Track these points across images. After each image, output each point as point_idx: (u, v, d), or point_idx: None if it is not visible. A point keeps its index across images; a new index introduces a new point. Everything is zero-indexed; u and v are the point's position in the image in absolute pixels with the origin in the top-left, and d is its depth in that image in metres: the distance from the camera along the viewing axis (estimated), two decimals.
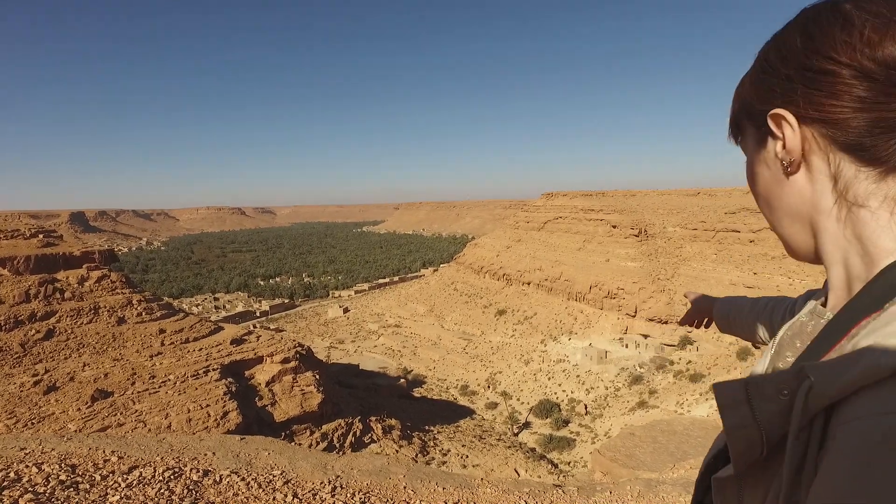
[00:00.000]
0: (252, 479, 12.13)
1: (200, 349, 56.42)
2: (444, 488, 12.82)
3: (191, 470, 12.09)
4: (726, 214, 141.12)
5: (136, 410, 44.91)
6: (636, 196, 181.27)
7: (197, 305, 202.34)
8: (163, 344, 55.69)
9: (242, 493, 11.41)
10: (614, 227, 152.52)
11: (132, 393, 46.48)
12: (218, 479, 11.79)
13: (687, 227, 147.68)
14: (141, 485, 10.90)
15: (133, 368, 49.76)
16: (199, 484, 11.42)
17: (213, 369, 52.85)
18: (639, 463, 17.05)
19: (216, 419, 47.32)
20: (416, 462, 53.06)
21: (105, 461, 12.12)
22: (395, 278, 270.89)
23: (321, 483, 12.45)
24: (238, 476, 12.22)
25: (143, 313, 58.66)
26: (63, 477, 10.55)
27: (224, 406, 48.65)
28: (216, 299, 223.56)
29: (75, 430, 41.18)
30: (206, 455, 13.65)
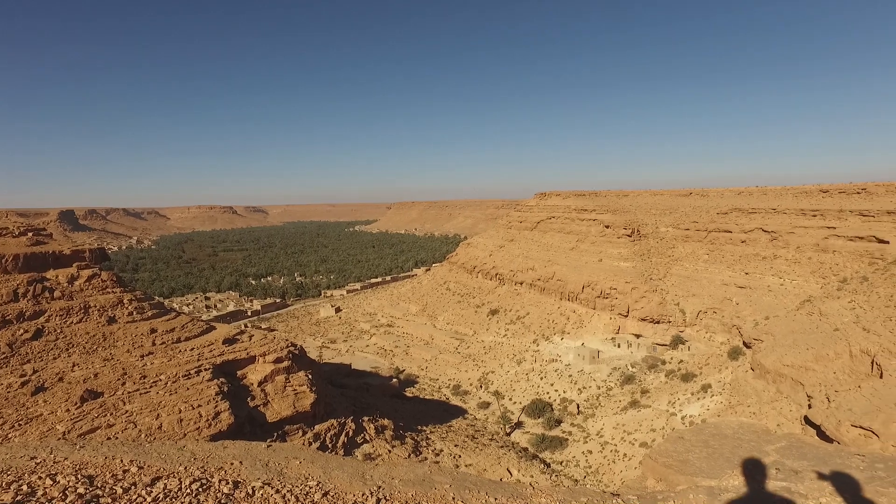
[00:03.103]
0: (287, 492, 11.28)
1: (192, 349, 55.79)
2: (495, 499, 12.10)
3: (219, 481, 11.30)
4: (718, 215, 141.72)
5: (127, 411, 44.31)
6: (629, 196, 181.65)
7: (188, 304, 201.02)
8: (154, 344, 55.03)
9: None
10: (607, 227, 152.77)
11: (122, 393, 45.85)
12: (251, 492, 10.98)
13: (679, 227, 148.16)
14: (168, 498, 10.09)
15: (124, 368, 49.12)
16: (230, 497, 10.56)
17: (205, 369, 52.27)
18: (695, 469, 16.46)
19: (208, 420, 46.79)
20: (441, 466, 52.67)
21: (124, 471, 11.41)
22: (388, 278, 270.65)
23: (363, 495, 11.61)
24: (272, 488, 11.37)
25: (134, 313, 57.95)
26: (81, 490, 9.76)
27: (216, 406, 48.11)
28: (207, 298, 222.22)
29: (64, 432, 40.58)
30: (232, 464, 12.89)
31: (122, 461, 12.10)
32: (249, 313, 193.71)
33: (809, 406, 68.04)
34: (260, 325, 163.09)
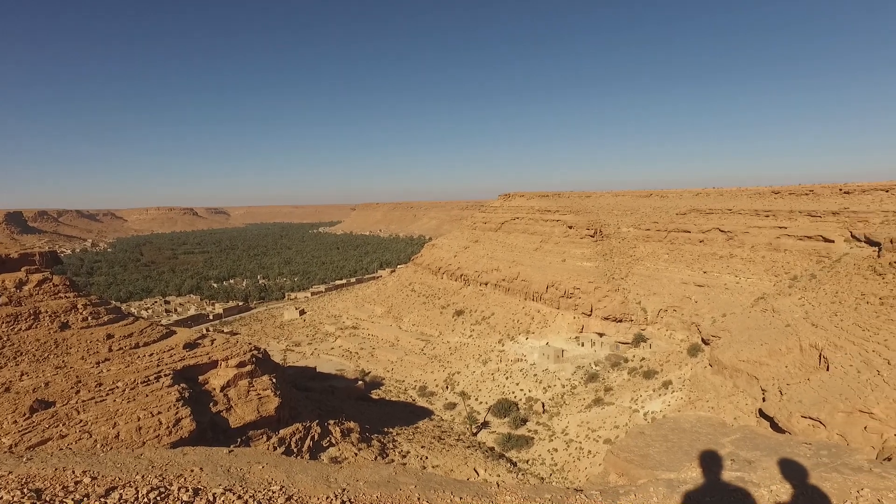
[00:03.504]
0: (250, 497, 11.03)
1: (151, 354, 54.20)
2: (460, 498, 12.09)
3: (179, 489, 10.95)
4: (677, 215, 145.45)
5: (81, 420, 42.77)
6: (591, 197, 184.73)
7: (147, 309, 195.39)
8: (111, 350, 53.24)
9: None
10: (570, 227, 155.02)
11: (77, 402, 44.23)
12: (211, 499, 10.69)
13: (640, 227, 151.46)
14: None
15: (77, 376, 47.39)
16: None
17: (165, 375, 50.85)
18: (655, 463, 16.87)
19: (168, 427, 45.55)
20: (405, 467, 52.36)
21: (76, 483, 10.88)
22: (353, 279, 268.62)
23: (327, 498, 11.52)
24: (233, 494, 11.10)
25: (89, 318, 55.97)
26: None
27: (177, 413, 46.87)
28: (167, 302, 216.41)
29: (11, 445, 38.93)
30: (192, 471, 12.48)
31: (73, 472, 11.55)
32: (211, 317, 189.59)
33: (764, 399, 70.53)
34: (222, 329, 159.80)
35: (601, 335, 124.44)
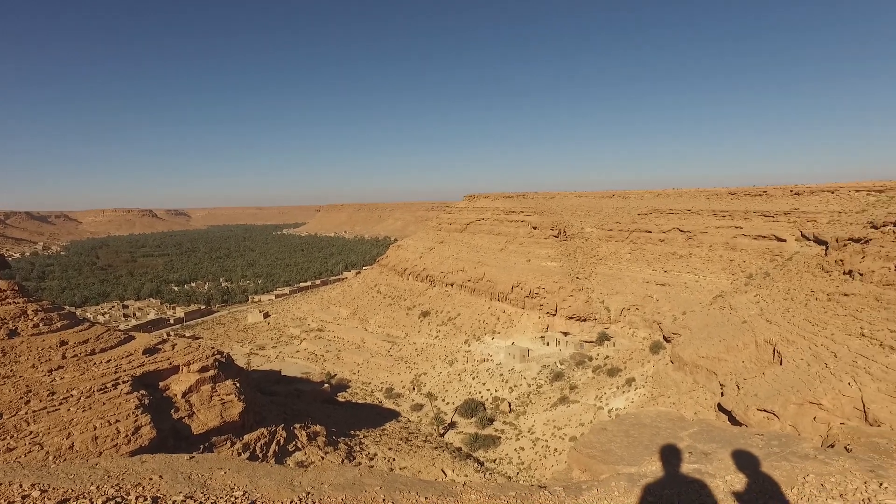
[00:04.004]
0: None
1: (108, 361, 52.45)
2: (426, 497, 12.13)
3: (136, 498, 10.61)
4: (639, 216, 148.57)
5: (31, 432, 41.13)
6: (555, 198, 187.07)
7: (103, 314, 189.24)
8: (64, 357, 51.32)
9: None
10: (535, 228, 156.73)
11: (26, 413, 42.48)
12: None
13: (603, 227, 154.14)
14: None
15: (28, 385, 45.54)
16: None
17: (123, 382, 49.30)
18: (617, 458, 17.27)
19: (127, 436, 44.19)
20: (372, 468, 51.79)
21: (24, 497, 10.39)
22: (318, 281, 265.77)
23: (291, 502, 11.44)
24: (194, 501, 10.92)
25: (41, 324, 53.82)
26: None
27: (136, 421, 45.52)
28: (125, 307, 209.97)
29: None
30: (151, 479, 12.08)
31: (21, 486, 10.98)
32: (172, 321, 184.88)
33: (722, 394, 72.75)
34: (184, 334, 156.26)
35: (566, 334, 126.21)
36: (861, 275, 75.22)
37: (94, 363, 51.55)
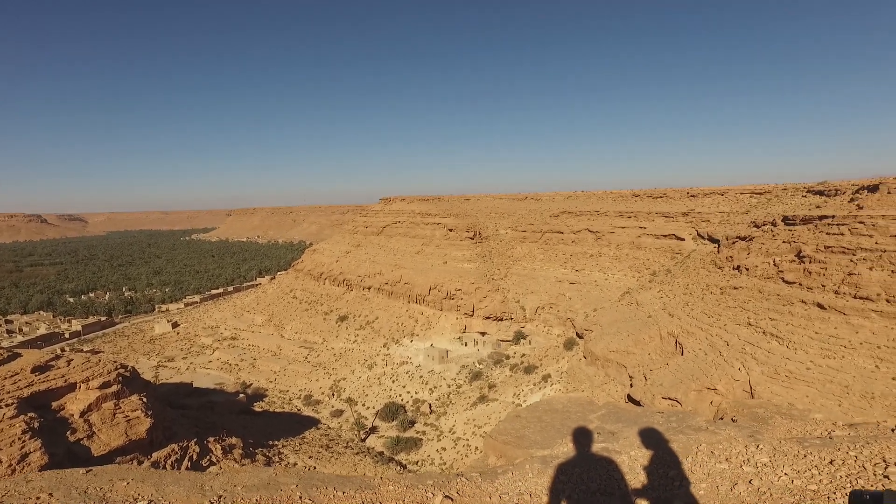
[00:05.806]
0: None
1: None
2: (343, 492, 11.88)
3: None
4: (551, 217, 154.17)
5: None
6: (470, 200, 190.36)
7: None
8: None
9: None
10: (451, 230, 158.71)
11: None
12: None
13: (517, 229, 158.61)
14: None
15: None
16: None
17: (8, 405, 44.96)
18: (531, 442, 17.82)
19: (11, 465, 40.24)
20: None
21: None
22: (230, 288, 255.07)
23: None
24: None
25: None
26: None
27: (22, 447, 41.59)
28: (10, 322, 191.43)
29: None
30: (39, 498, 11.08)
31: None
32: (68, 335, 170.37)
33: (631, 385, 76.96)
34: (82, 348, 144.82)
35: (483, 334, 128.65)
36: (747, 269, 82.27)
37: None
